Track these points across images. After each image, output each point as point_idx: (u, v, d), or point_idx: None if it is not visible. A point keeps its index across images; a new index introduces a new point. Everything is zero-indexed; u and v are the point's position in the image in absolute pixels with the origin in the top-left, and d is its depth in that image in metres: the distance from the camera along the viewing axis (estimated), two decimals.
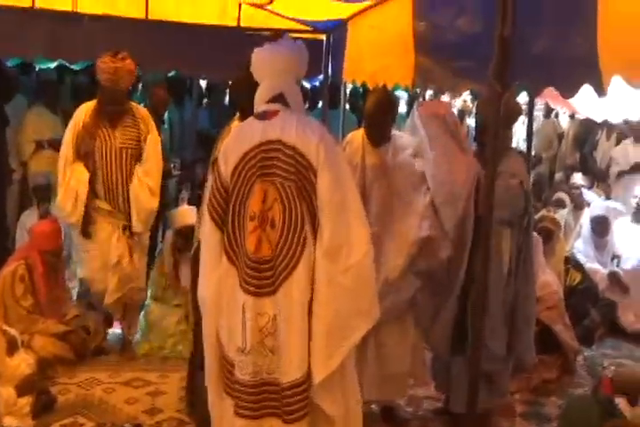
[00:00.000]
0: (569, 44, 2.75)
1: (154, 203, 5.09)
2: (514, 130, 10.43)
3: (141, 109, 5.18)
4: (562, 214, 7.37)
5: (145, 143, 5.05)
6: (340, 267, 2.86)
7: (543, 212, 6.57)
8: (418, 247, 4.06)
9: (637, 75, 2.41)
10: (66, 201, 4.93)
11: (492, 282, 3.56)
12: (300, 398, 2.91)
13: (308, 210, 2.90)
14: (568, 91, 2.91)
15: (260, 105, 3.06)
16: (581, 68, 2.69)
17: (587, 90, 2.71)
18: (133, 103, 5.20)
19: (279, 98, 3.03)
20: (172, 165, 6.05)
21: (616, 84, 2.52)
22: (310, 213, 2.90)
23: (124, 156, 4.99)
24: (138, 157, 5.04)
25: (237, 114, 3.85)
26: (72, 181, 4.91)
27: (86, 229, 4.98)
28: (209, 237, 3.05)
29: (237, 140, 3.02)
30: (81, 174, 4.92)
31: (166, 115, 7.16)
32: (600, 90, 2.62)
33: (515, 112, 4.14)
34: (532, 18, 2.96)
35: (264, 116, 3.01)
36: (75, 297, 5.68)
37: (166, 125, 7.11)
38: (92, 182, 4.94)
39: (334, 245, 2.86)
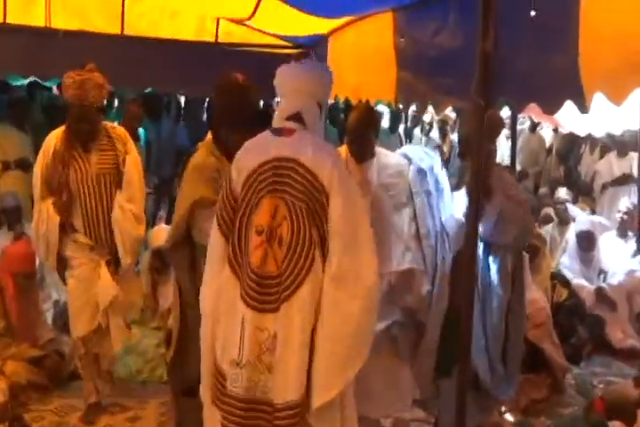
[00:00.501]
0: (551, 59, 2.80)
1: (140, 230, 4.70)
2: (497, 144, 10.63)
3: (117, 128, 4.78)
4: (547, 230, 7.44)
5: (124, 166, 4.61)
6: (347, 295, 2.87)
7: None
8: (397, 278, 4.08)
9: (619, 93, 2.45)
10: (38, 245, 4.58)
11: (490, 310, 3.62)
12: (293, 422, 2.88)
13: (317, 233, 2.91)
14: (551, 107, 2.95)
15: (277, 122, 3.08)
16: (564, 85, 2.73)
17: (567, 106, 2.76)
18: (107, 122, 4.84)
19: (296, 117, 3.04)
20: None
21: (598, 97, 2.56)
22: (320, 236, 2.91)
23: (103, 182, 4.55)
24: (118, 182, 4.60)
25: (208, 135, 3.83)
26: (42, 228, 4.50)
27: (62, 276, 4.65)
28: (214, 246, 3.06)
29: (251, 152, 3.04)
30: (51, 220, 4.47)
31: (142, 131, 7.17)
32: (582, 107, 2.67)
33: (497, 126, 4.20)
34: (514, 33, 3.01)
35: (280, 132, 3.03)
36: (49, 320, 5.64)
37: (142, 142, 7.09)
38: (69, 215, 4.51)
39: (343, 272, 2.87)
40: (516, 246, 4.22)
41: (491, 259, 4.15)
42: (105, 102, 4.87)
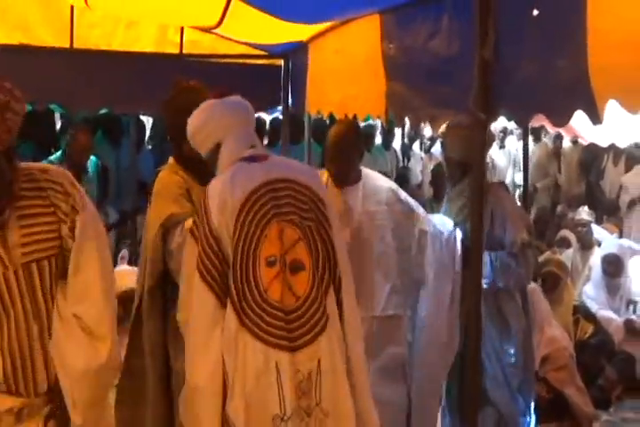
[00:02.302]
0: (557, 65, 2.82)
1: (98, 358, 2.70)
2: (510, 158, 10.69)
3: (52, 171, 2.81)
4: (567, 255, 7.45)
5: (72, 239, 2.71)
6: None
7: (547, 253, 6.61)
8: (379, 324, 4.07)
9: (634, 100, 2.47)
10: None
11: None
12: None
13: (327, 251, 3.04)
14: (559, 118, 2.99)
15: (241, 152, 3.13)
16: (573, 93, 2.76)
17: (582, 115, 2.79)
18: (35, 165, 2.91)
19: (254, 146, 3.19)
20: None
21: (616, 104, 2.58)
22: (329, 254, 3.04)
23: (33, 278, 2.71)
24: (62, 270, 2.74)
25: (170, 158, 3.81)
26: None
27: None
28: (202, 305, 2.99)
29: (233, 185, 3.03)
30: None
31: (93, 159, 7.12)
32: (595, 117, 2.68)
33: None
34: (516, 39, 3.04)
35: (255, 159, 3.10)
36: None
37: (91, 172, 7.01)
38: None
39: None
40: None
41: None
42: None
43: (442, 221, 4.32)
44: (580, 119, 2.89)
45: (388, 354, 4.08)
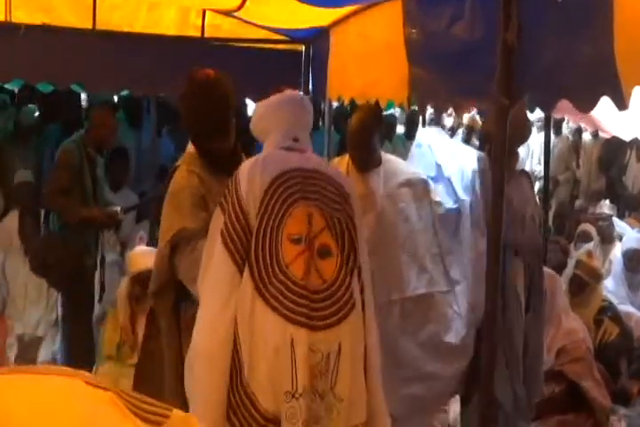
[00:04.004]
0: (582, 51, 2.82)
1: None
2: (530, 151, 10.63)
3: None
4: (587, 249, 7.41)
5: None
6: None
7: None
8: (414, 305, 4.10)
9: None
10: None
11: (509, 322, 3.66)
12: None
13: (351, 241, 3.12)
14: (585, 104, 2.98)
15: (281, 143, 3.26)
16: (598, 79, 2.76)
17: (608, 103, 2.77)
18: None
19: (296, 141, 3.30)
20: (117, 209, 5.95)
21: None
22: (353, 243, 3.12)
23: None
24: None
25: (189, 147, 3.76)
26: None
27: None
28: (220, 271, 3.05)
29: (266, 164, 3.14)
30: None
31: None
32: (620, 103, 2.68)
33: (522, 130, 4.22)
34: (540, 22, 3.03)
35: (292, 149, 3.24)
36: (12, 358, 5.66)
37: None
38: None
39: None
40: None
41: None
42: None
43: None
44: (603, 110, 2.88)
45: (425, 332, 4.12)
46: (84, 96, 8.47)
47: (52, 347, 6.48)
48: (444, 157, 4.43)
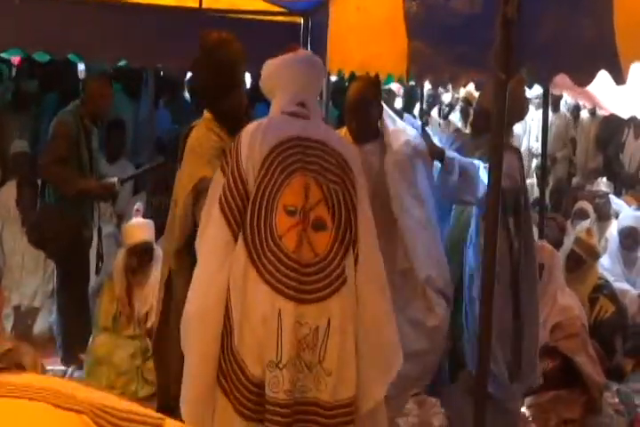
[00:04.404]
0: (581, 25, 2.80)
1: None
2: (528, 127, 10.61)
3: None
4: (583, 226, 7.42)
5: None
6: (378, 287, 3.17)
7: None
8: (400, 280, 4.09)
9: None
10: None
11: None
12: (346, 421, 3.00)
13: (348, 214, 3.09)
14: (583, 78, 2.96)
15: (287, 106, 3.23)
16: (597, 53, 2.74)
17: (607, 80, 2.75)
18: None
19: (302, 105, 3.25)
20: (114, 180, 5.92)
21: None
22: (349, 216, 3.09)
23: None
24: None
25: (205, 112, 3.81)
26: None
27: None
28: (216, 236, 3.07)
29: (267, 130, 3.12)
30: None
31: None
32: (619, 77, 2.67)
33: (519, 106, 4.20)
34: None
35: (297, 115, 3.20)
36: (8, 328, 5.67)
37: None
38: None
39: (373, 264, 3.16)
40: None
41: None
42: None
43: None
44: (601, 87, 2.87)
45: (412, 309, 4.12)
46: (81, 67, 8.43)
47: (48, 318, 6.50)
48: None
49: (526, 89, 4.32)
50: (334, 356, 2.98)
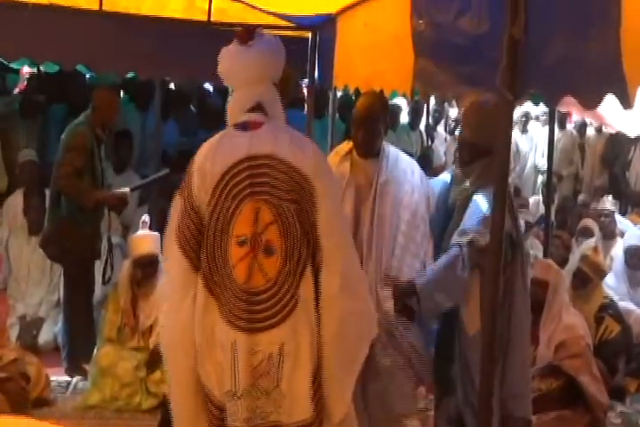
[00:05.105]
0: (589, 48, 2.77)
1: None
2: (534, 144, 10.61)
3: None
4: (588, 245, 7.38)
5: None
6: (352, 299, 3.05)
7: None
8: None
9: None
10: None
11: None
12: None
13: (309, 234, 2.99)
14: (590, 101, 2.92)
15: (237, 115, 3.12)
16: (604, 76, 2.71)
17: (614, 100, 2.73)
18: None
19: (258, 108, 3.11)
20: (126, 191, 5.91)
21: None
22: (308, 236, 2.99)
23: None
24: None
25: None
26: None
27: None
28: (174, 267, 3.08)
29: (217, 153, 3.05)
30: None
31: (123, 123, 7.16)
32: (625, 101, 2.63)
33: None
34: (546, 17, 2.98)
35: (246, 126, 3.07)
36: (13, 337, 5.66)
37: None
38: None
39: (347, 276, 3.04)
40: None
41: None
42: None
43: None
44: (609, 106, 2.84)
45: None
46: (88, 77, 8.45)
47: (53, 328, 6.50)
48: None
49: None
50: (288, 378, 2.96)
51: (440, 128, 10.92)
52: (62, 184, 5.70)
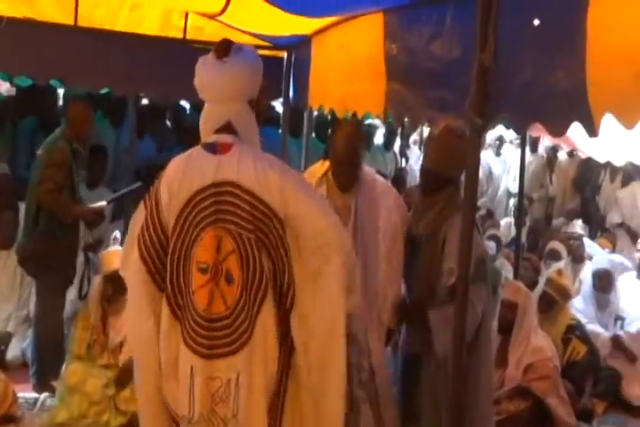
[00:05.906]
0: (556, 77, 2.80)
1: None
2: (507, 167, 10.66)
3: None
4: (555, 267, 7.44)
5: None
6: (324, 331, 2.96)
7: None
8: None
9: (630, 114, 2.45)
10: None
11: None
12: None
13: (271, 265, 2.93)
14: (556, 129, 2.96)
15: (208, 133, 3.05)
16: (570, 104, 2.74)
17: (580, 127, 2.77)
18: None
19: (228, 128, 3.02)
20: (103, 205, 5.87)
21: (615, 122, 2.57)
22: (274, 266, 2.94)
23: None
24: None
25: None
26: None
27: None
28: (136, 283, 3.03)
29: (185, 175, 2.98)
30: None
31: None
32: (591, 129, 2.67)
33: (457, 158, 3.85)
34: (515, 46, 3.01)
35: (214, 149, 2.98)
36: None
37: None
38: None
39: (311, 307, 2.95)
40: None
41: None
42: None
43: None
44: (579, 131, 2.87)
45: None
46: (60, 91, 8.41)
47: (21, 344, 6.43)
48: None
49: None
50: (244, 410, 2.92)
51: (415, 147, 10.96)
52: (44, 200, 5.63)
